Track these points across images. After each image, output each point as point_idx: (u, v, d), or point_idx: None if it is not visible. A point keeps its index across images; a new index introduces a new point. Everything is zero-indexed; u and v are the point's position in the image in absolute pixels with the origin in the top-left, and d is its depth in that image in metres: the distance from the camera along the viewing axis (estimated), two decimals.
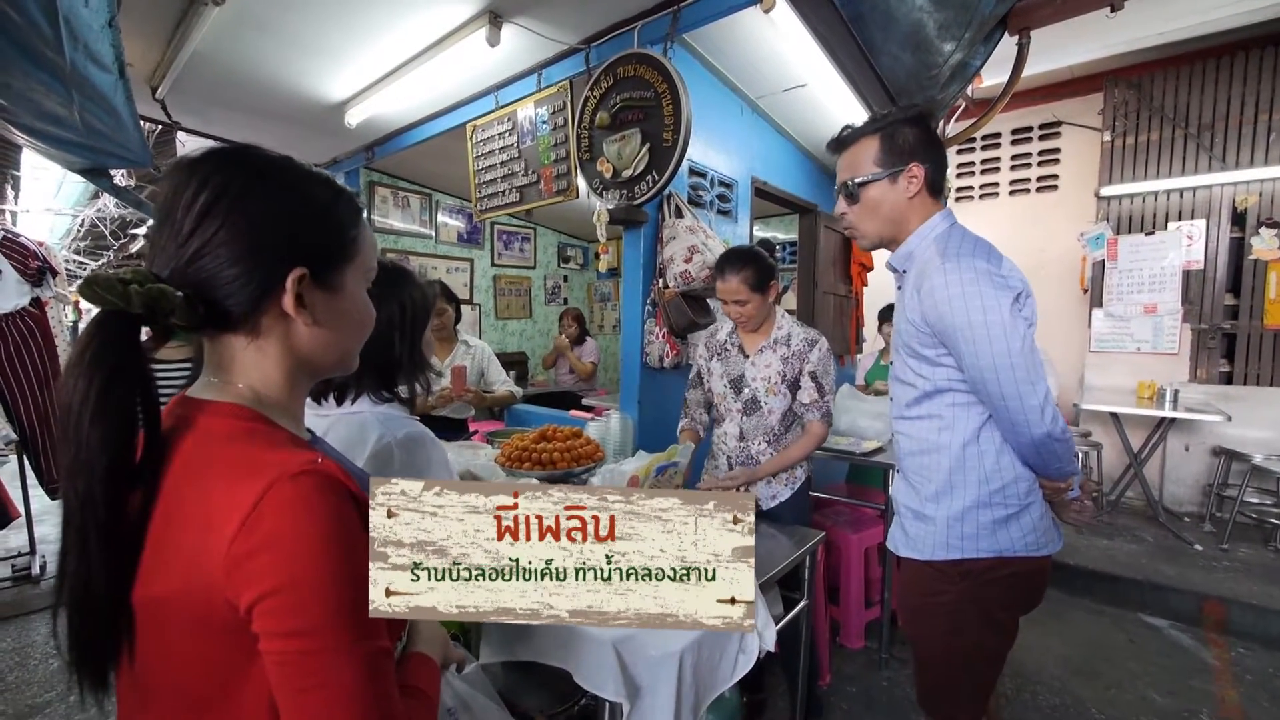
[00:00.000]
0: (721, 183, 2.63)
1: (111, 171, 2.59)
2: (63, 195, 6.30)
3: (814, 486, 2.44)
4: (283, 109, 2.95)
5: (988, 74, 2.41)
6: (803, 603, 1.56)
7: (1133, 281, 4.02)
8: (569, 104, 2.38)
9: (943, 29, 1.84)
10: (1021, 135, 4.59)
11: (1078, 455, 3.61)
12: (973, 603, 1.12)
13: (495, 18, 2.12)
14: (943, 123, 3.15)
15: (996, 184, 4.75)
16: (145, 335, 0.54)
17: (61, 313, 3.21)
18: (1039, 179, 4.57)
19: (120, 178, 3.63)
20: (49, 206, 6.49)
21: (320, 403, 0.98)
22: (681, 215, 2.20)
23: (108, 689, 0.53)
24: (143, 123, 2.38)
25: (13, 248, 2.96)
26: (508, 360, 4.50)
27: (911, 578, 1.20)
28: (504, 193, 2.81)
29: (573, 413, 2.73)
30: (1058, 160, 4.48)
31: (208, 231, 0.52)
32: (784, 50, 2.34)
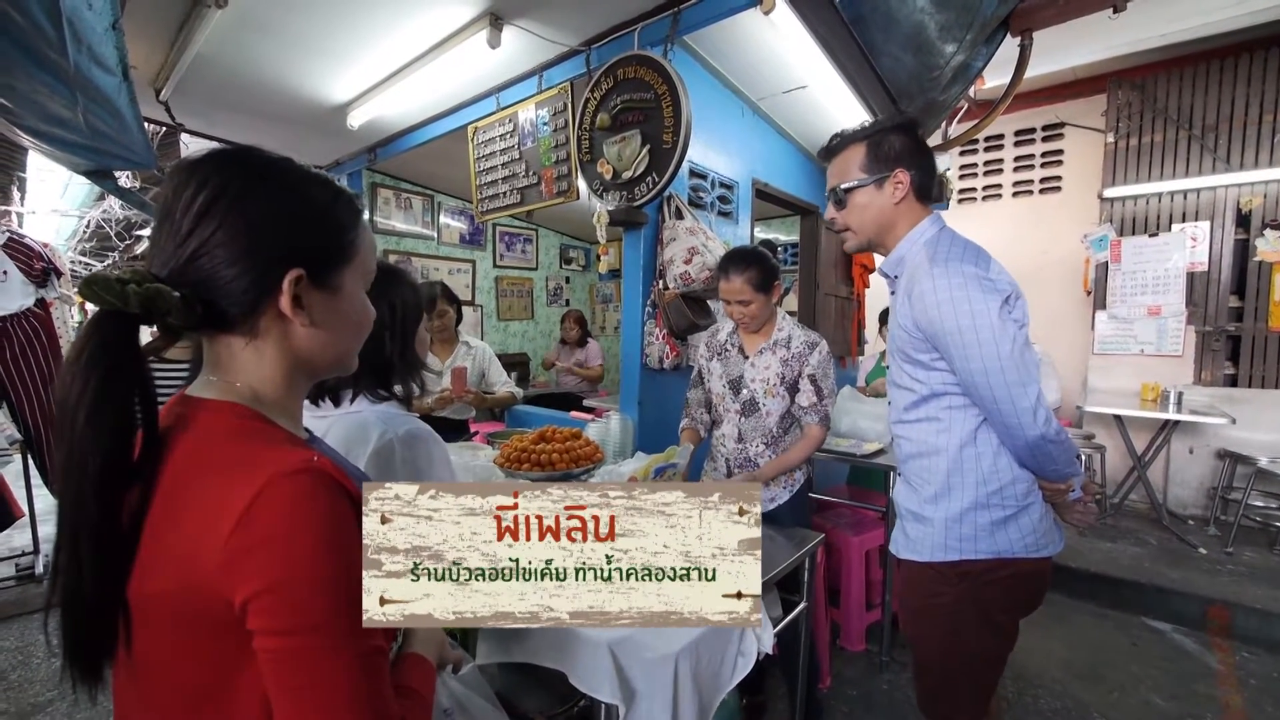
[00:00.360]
0: (722, 184, 2.62)
1: (116, 173, 2.61)
2: (68, 197, 6.33)
3: (815, 488, 2.43)
4: (285, 111, 2.96)
5: (990, 75, 2.40)
6: (802, 605, 1.56)
7: (1136, 283, 4.00)
8: (570, 106, 2.39)
9: (944, 30, 1.83)
10: (1024, 137, 4.57)
11: (1081, 457, 3.59)
12: (972, 604, 1.12)
13: (496, 20, 2.12)
14: (945, 124, 3.15)
15: (999, 185, 4.73)
16: (152, 334, 0.55)
17: (66, 313, 3.23)
18: (1042, 180, 4.55)
19: (125, 179, 3.65)
20: (55, 208, 6.52)
21: (317, 404, 0.98)
22: (682, 217, 2.20)
23: (101, 684, 0.53)
24: (147, 125, 2.39)
25: (18, 249, 2.97)
26: (509, 361, 4.50)
27: (911, 579, 1.20)
28: (505, 194, 2.81)
29: (573, 414, 2.73)
30: (1061, 162, 4.46)
31: (205, 232, 0.52)
32: (785, 52, 2.33)
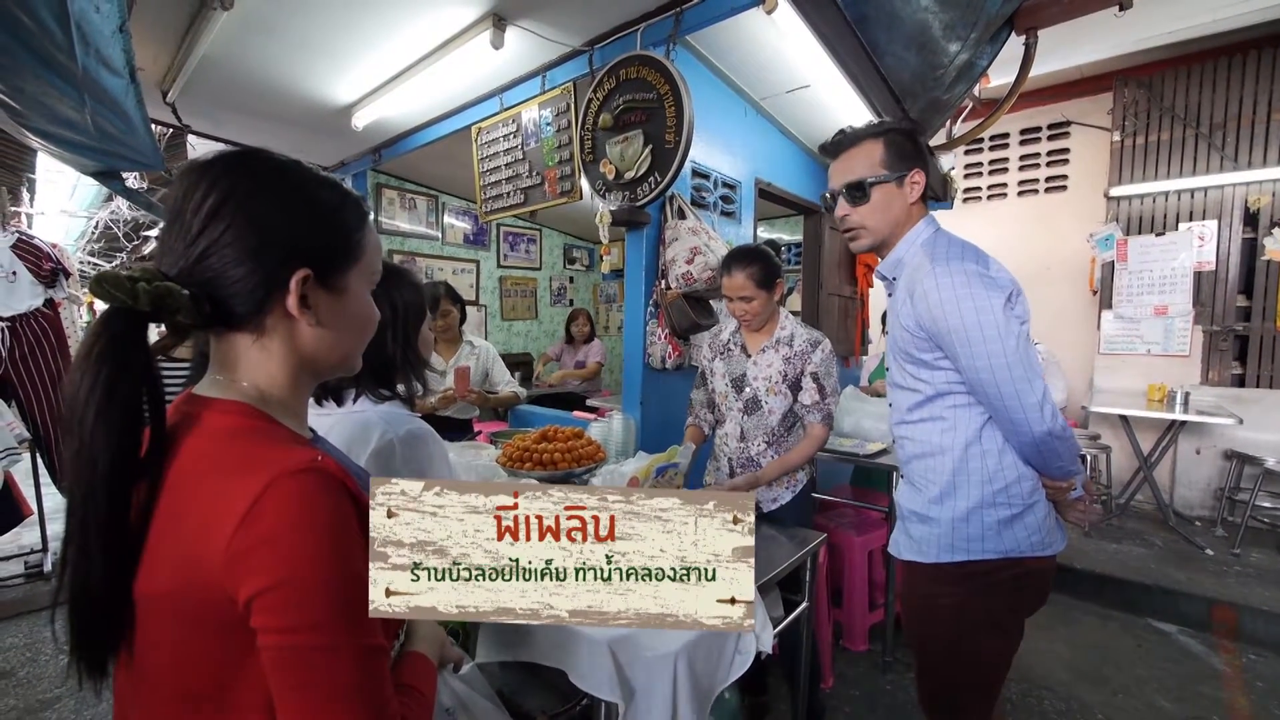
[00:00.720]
0: (725, 184, 2.62)
1: (123, 174, 2.64)
2: (77, 198, 6.40)
3: (818, 488, 2.43)
4: (291, 112, 2.98)
5: (995, 74, 2.39)
6: (803, 605, 1.56)
7: (1143, 283, 3.97)
8: (572, 106, 2.39)
9: (948, 29, 1.83)
10: (1030, 135, 4.55)
11: (1085, 457, 3.57)
12: (976, 605, 1.12)
13: (499, 21, 2.13)
14: (949, 123, 3.14)
15: (1005, 185, 4.71)
16: (159, 333, 0.55)
17: (75, 313, 3.26)
18: (1048, 179, 4.52)
19: (132, 180, 3.68)
20: (63, 209, 6.59)
21: (320, 404, 0.99)
22: (684, 216, 2.20)
23: (107, 679, 0.54)
24: (154, 126, 2.42)
25: (27, 249, 3.01)
26: (513, 361, 4.52)
27: (915, 580, 1.20)
28: (508, 194, 2.82)
29: (576, 413, 2.74)
30: (1067, 160, 4.43)
31: (215, 232, 0.53)
32: (787, 51, 2.33)
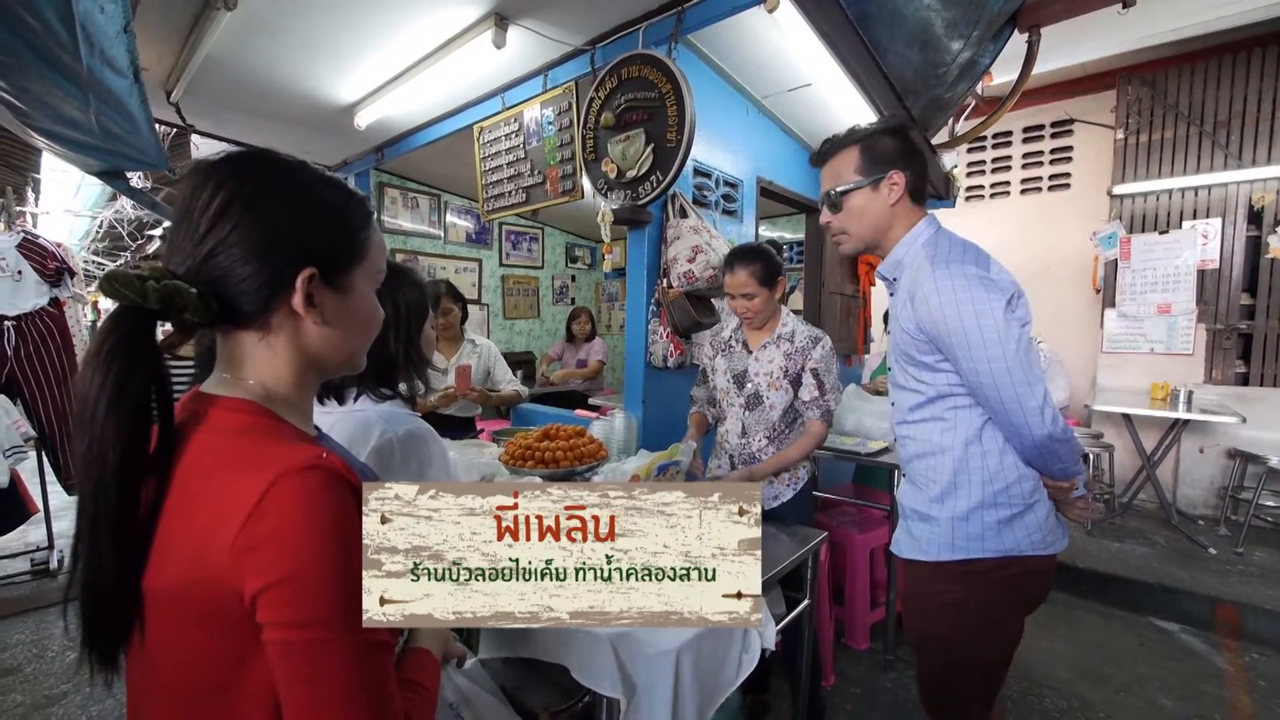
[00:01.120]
0: (727, 183, 2.62)
1: (128, 174, 2.65)
2: (81, 197, 6.41)
3: (819, 487, 2.43)
4: (294, 112, 2.99)
5: (998, 72, 2.39)
6: (805, 603, 1.56)
7: (1146, 281, 3.96)
8: (574, 105, 2.39)
9: (951, 27, 1.83)
10: (1033, 133, 4.53)
11: (1088, 457, 3.56)
12: (978, 603, 1.12)
13: (501, 20, 2.13)
14: (952, 121, 3.13)
15: (1007, 183, 4.69)
16: (165, 333, 0.56)
17: (79, 312, 3.27)
18: (1051, 177, 4.51)
19: (137, 180, 3.69)
20: (68, 208, 6.60)
21: (322, 402, 0.99)
22: (686, 215, 2.20)
23: (117, 672, 0.54)
24: (158, 126, 2.42)
25: (32, 249, 3.02)
26: (515, 360, 4.53)
27: (916, 578, 1.20)
28: (510, 193, 2.82)
29: (578, 412, 2.74)
30: (1070, 158, 4.42)
31: (222, 231, 0.54)
32: (789, 50, 2.33)
